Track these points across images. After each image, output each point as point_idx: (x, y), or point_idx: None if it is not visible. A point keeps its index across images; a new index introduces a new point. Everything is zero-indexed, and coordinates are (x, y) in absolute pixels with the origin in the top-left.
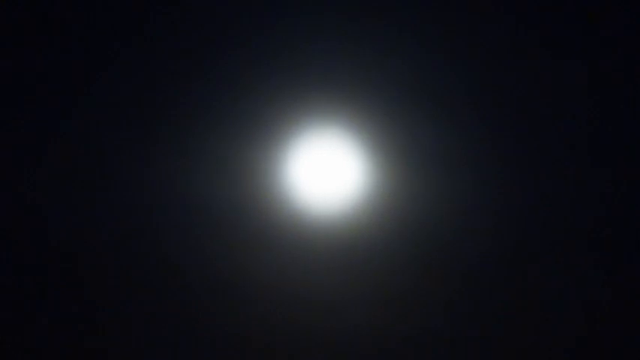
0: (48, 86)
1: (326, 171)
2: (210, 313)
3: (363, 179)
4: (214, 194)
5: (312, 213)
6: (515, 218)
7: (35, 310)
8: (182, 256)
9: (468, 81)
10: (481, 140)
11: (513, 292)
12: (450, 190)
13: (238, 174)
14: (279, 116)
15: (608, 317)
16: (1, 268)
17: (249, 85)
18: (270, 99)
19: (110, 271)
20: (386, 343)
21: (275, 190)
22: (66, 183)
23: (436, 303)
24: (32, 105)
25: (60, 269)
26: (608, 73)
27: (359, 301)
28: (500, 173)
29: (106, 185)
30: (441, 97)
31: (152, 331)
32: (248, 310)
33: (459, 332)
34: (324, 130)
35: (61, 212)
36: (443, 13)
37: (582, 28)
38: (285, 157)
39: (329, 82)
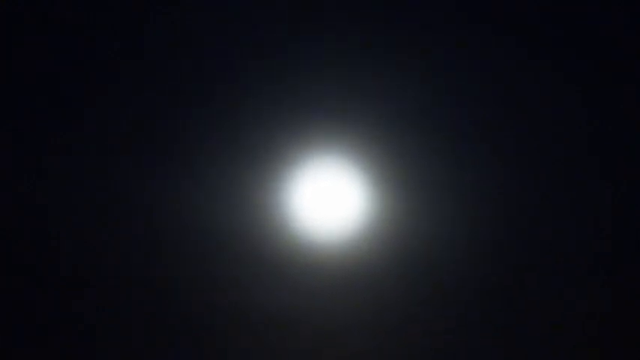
0: (50, 98)
1: (328, 199)
2: (213, 337)
3: (365, 207)
4: (217, 222)
5: (314, 240)
6: (517, 243)
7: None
8: (184, 281)
9: (470, 109)
10: (482, 166)
11: (518, 317)
12: (452, 216)
13: (240, 202)
14: (282, 145)
15: (610, 321)
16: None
17: (252, 113)
18: (274, 128)
19: (111, 297)
20: None
21: (277, 217)
22: (68, 206)
23: (439, 328)
24: (33, 115)
25: (65, 293)
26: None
27: (361, 327)
28: (501, 197)
29: (109, 206)
30: (442, 124)
31: (154, 356)
32: (250, 336)
33: (462, 356)
34: (326, 159)
35: (64, 235)
36: (447, 40)
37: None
38: (288, 185)
39: (331, 111)
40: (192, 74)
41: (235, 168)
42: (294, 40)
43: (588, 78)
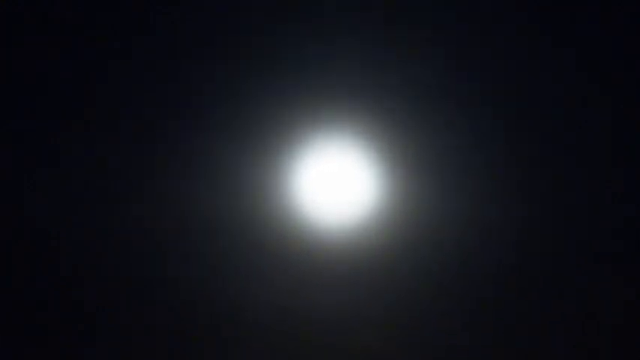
0: (50, 95)
1: (336, 181)
2: (214, 327)
3: (374, 190)
4: (222, 206)
5: (322, 224)
6: (532, 231)
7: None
8: (186, 268)
9: (483, 89)
10: (496, 149)
11: (530, 310)
12: (463, 201)
13: (246, 185)
14: (288, 126)
15: (610, 321)
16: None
17: (258, 95)
18: (280, 108)
19: (111, 285)
20: None
21: (284, 201)
22: (68, 195)
23: (448, 317)
24: (33, 115)
25: (62, 280)
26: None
27: (371, 320)
28: (515, 181)
29: (109, 197)
30: (454, 105)
31: (154, 347)
32: (255, 326)
33: (472, 350)
34: (334, 139)
35: (64, 223)
36: (457, 20)
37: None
38: (295, 167)
39: (339, 91)
40: (194, 57)
41: (241, 151)
42: (302, 21)
43: (589, 78)
